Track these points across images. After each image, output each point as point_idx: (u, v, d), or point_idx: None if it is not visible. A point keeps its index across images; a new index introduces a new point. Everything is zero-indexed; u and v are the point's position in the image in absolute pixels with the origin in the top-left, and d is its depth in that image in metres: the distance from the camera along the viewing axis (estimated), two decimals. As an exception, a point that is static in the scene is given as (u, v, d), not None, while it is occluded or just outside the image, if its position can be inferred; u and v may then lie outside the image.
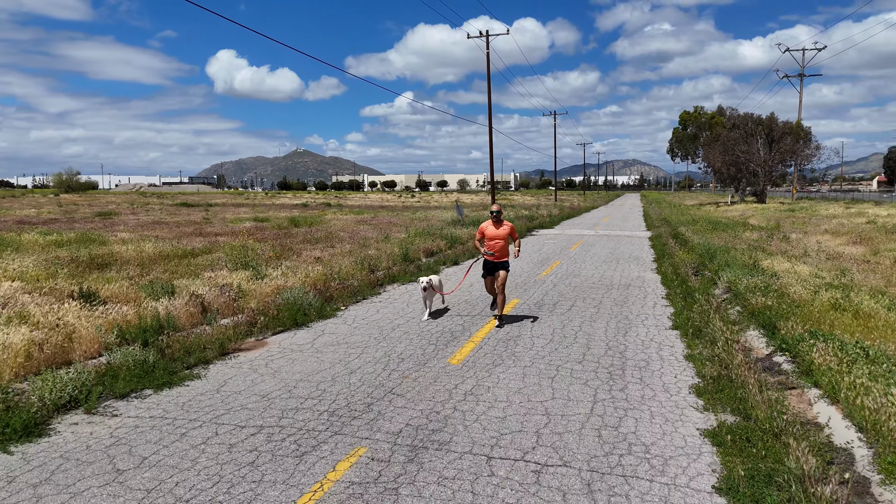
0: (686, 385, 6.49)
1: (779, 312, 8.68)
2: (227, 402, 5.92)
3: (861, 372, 5.84)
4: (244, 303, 9.75)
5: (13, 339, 6.47)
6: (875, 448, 4.63)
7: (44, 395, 5.51)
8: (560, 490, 4.22)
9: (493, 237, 9.48)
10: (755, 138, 61.67)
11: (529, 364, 7.21)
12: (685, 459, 4.71)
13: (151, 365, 6.66)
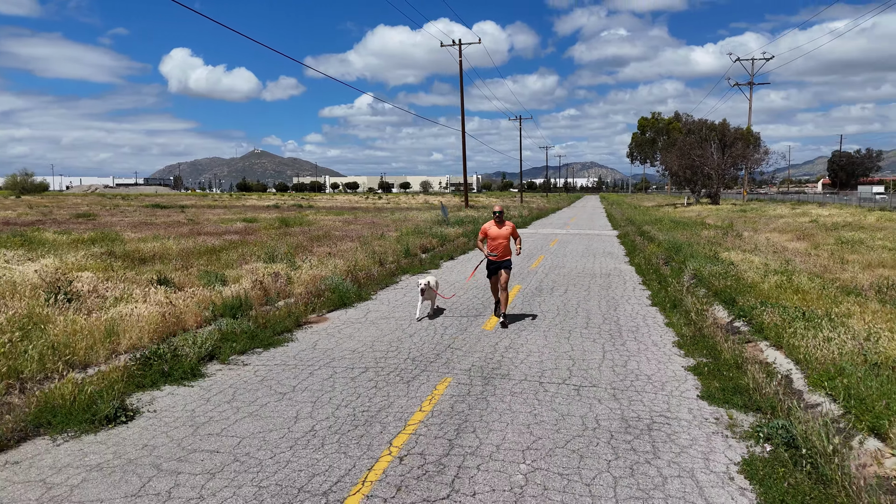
0: (669, 341, 8.51)
1: (736, 291, 10.81)
2: (327, 354, 7.68)
3: (798, 326, 7.93)
4: (293, 288, 11.43)
5: (145, 311, 8.09)
6: (805, 371, 6.68)
7: (192, 350, 7.17)
8: (596, 398, 6.14)
9: (495, 237, 9.69)
10: (709, 143, 65.30)
11: (547, 329, 9.15)
12: (676, 382, 6.69)
13: (252, 331, 8.35)
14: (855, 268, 13.64)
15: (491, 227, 9.75)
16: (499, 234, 9.67)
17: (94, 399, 5.60)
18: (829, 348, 6.75)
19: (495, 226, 9.72)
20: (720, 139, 64.87)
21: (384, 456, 4.74)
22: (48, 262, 12.79)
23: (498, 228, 9.70)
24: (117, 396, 5.73)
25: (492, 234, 9.71)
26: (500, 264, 9.73)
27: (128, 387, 6.09)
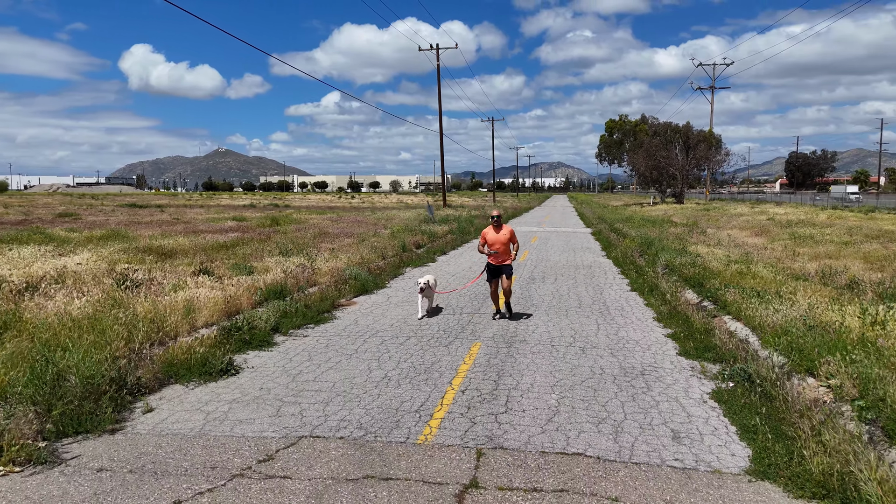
0: (650, 317, 10.23)
1: (703, 277, 12.61)
2: (370, 328, 9.19)
3: (754, 302, 9.70)
4: (317, 278, 12.85)
5: (210, 295, 9.48)
6: (759, 334, 8.44)
7: (262, 324, 8.61)
8: (597, 355, 7.79)
9: (494, 241, 9.86)
10: (674, 145, 68.18)
11: (548, 309, 10.80)
12: (659, 345, 8.38)
13: (302, 310, 9.81)
14: (804, 258, 15.61)
15: (489, 232, 9.94)
16: (496, 239, 9.84)
17: (206, 357, 7.02)
18: (777, 317, 8.51)
19: (493, 230, 9.91)
20: (684, 141, 67.77)
21: (449, 391, 6.30)
22: (86, 256, 13.96)
23: (496, 233, 9.88)
24: (226, 355, 7.17)
25: (490, 239, 9.88)
26: (500, 269, 9.86)
27: (224, 351, 7.51)
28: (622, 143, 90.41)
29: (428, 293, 10.13)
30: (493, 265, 9.88)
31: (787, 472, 4.49)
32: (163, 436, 5.20)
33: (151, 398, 6.07)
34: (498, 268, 9.85)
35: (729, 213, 41.45)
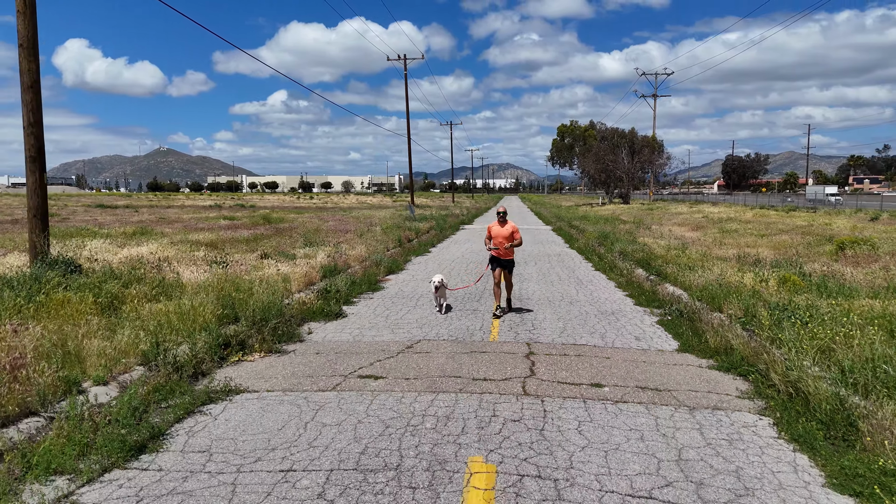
0: (612, 285, 13.96)
1: (650, 259, 16.47)
2: (414, 292, 12.60)
3: (685, 273, 13.55)
4: (349, 262, 16.11)
5: (287, 270, 12.70)
6: (688, 291, 12.24)
7: (341, 289, 11.91)
8: (581, 305, 11.43)
9: (498, 235, 10.70)
10: (620, 149, 73.39)
11: (538, 282, 14.42)
12: (621, 300, 12.09)
13: (358, 283, 13.11)
14: (728, 247, 19.73)
15: (494, 227, 10.86)
16: (500, 234, 10.70)
17: (322, 307, 10.33)
18: (700, 280, 12.36)
19: (498, 225, 10.82)
20: (630, 146, 73.09)
21: (494, 322, 9.81)
22: (149, 248, 16.81)
23: (500, 228, 10.76)
24: (336, 306, 10.49)
25: (494, 233, 10.78)
26: (502, 262, 10.73)
27: (329, 304, 10.78)
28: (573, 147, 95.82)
29: (441, 291, 10.80)
30: (497, 258, 10.79)
31: (698, 347, 8.20)
32: (333, 342, 8.54)
33: (304, 328, 9.36)
34: (502, 261, 10.75)
35: (670, 211, 46.26)
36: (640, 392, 6.45)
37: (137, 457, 4.82)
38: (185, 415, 5.67)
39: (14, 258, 12.98)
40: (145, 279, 10.68)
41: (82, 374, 6.39)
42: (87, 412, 5.33)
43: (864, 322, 7.45)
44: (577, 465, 4.72)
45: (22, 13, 10.09)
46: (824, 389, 5.64)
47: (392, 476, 4.50)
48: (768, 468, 4.72)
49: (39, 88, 10.34)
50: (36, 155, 10.43)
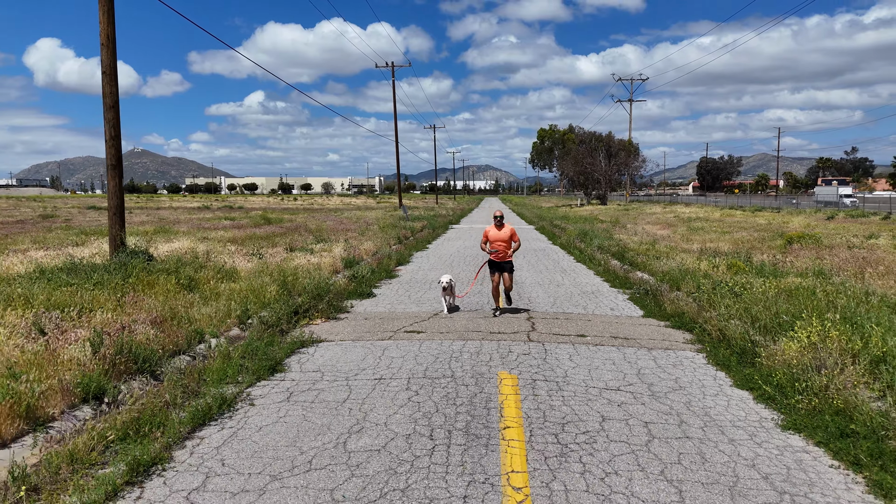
0: (592, 273, 16.40)
1: (624, 252, 18.94)
2: (426, 278, 14.89)
3: (653, 262, 16.02)
4: (362, 255, 18.33)
5: (315, 260, 14.91)
6: (653, 276, 14.69)
7: (365, 275, 14.16)
8: (567, 287, 13.84)
9: (495, 239, 10.66)
10: (598, 152, 76.38)
11: (528, 270, 16.80)
12: (599, 283, 14.52)
13: (376, 271, 15.36)
14: (693, 242, 22.31)
15: (491, 230, 10.80)
16: (498, 237, 10.65)
17: (355, 289, 12.58)
18: (664, 267, 14.83)
19: (495, 229, 10.76)
20: (607, 149, 76.13)
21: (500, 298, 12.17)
22: (183, 244, 18.85)
23: (498, 231, 10.72)
24: (367, 288, 12.76)
25: (492, 236, 10.73)
26: (501, 266, 10.74)
27: (360, 287, 13.00)
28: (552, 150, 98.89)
29: (449, 291, 10.94)
30: (495, 261, 10.81)
31: (658, 314, 10.64)
32: (373, 312, 10.82)
33: (346, 303, 11.60)
34: (500, 263, 10.73)
35: (645, 212, 49.07)
36: (613, 339, 8.84)
37: (272, 375, 7.06)
38: (289, 354, 7.91)
39: (86, 249, 15.02)
40: (207, 266, 12.83)
41: (199, 332, 8.59)
42: (226, 349, 7.55)
43: (778, 292, 9.94)
44: (569, 374, 7.09)
45: (105, 46, 12.20)
46: (739, 333, 8.07)
47: (450, 380, 6.82)
48: (696, 378, 7.11)
49: (119, 108, 12.44)
50: (115, 163, 12.54)
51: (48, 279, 10.60)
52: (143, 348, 6.96)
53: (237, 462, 4.81)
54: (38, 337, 7.20)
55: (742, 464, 4.84)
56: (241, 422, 5.65)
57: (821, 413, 5.63)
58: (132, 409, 5.59)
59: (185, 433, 5.31)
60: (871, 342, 6.67)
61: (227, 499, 4.24)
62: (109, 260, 12.34)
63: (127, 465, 4.54)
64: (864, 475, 4.62)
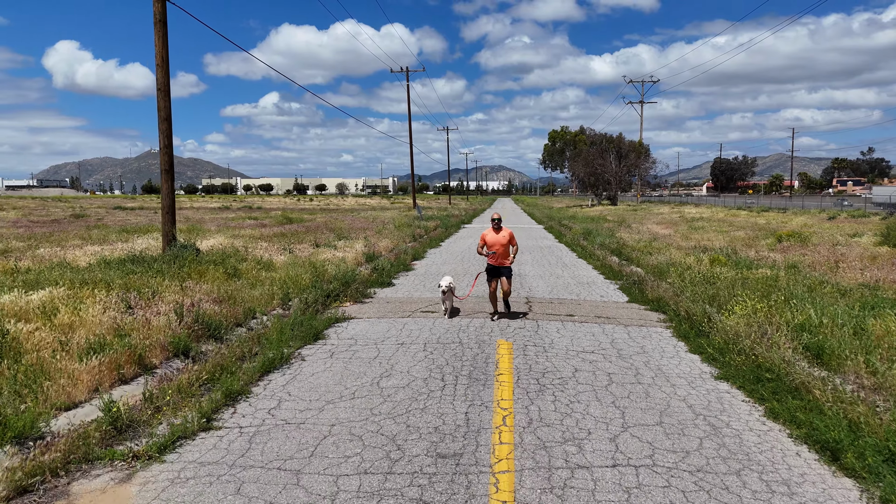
0: (591, 268, 18.00)
1: (621, 249, 20.50)
2: (438, 273, 16.56)
3: (645, 257, 17.58)
4: (380, 251, 20.03)
5: (339, 255, 16.66)
6: (644, 269, 16.27)
7: (386, 268, 15.88)
8: (566, 279, 15.46)
9: (493, 243, 10.32)
10: (608, 154, 77.66)
11: (531, 265, 18.44)
12: (595, 276, 16.13)
13: (394, 265, 17.08)
14: (691, 240, 23.80)
15: (489, 234, 10.44)
16: (496, 241, 10.33)
17: (377, 279, 14.28)
18: (654, 262, 16.40)
19: (493, 232, 10.42)
20: (617, 150, 77.40)
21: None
22: (217, 240, 20.68)
23: (495, 234, 10.39)
24: (387, 278, 14.47)
25: (490, 240, 10.38)
26: (499, 270, 10.39)
27: (382, 278, 14.71)
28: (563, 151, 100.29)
29: (449, 295, 10.64)
30: (493, 266, 10.42)
31: (640, 300, 12.25)
32: (394, 298, 12.51)
33: (370, 290, 13.30)
34: (497, 269, 10.38)
35: (652, 212, 50.42)
36: (597, 318, 10.48)
37: (315, 341, 8.79)
38: (327, 327, 9.64)
39: (134, 244, 16.88)
40: (247, 259, 14.61)
41: (251, 310, 10.32)
42: (277, 323, 9.28)
43: (744, 280, 11.52)
44: (555, 342, 8.75)
45: (160, 66, 14.00)
46: (700, 311, 9.67)
47: (457, 345, 8.52)
48: (659, 345, 8.72)
49: (171, 121, 14.24)
50: (168, 168, 14.34)
51: (115, 268, 12.40)
52: (212, 319, 8.71)
53: (300, 394, 6.52)
54: (127, 311, 8.96)
55: (675, 398, 6.48)
56: (297, 370, 7.37)
57: (745, 367, 7.24)
58: (213, 361, 7.33)
59: (257, 377, 7.03)
60: (798, 315, 8.26)
61: (297, 413, 5.95)
62: (163, 252, 14.13)
63: (222, 393, 6.27)
64: (765, 406, 6.23)
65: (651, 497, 4.37)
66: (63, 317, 8.24)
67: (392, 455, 4.99)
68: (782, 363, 6.81)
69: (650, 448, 5.21)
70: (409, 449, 5.12)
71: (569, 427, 5.63)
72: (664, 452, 5.12)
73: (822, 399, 5.90)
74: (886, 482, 4.41)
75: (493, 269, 10.49)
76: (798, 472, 4.80)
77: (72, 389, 5.99)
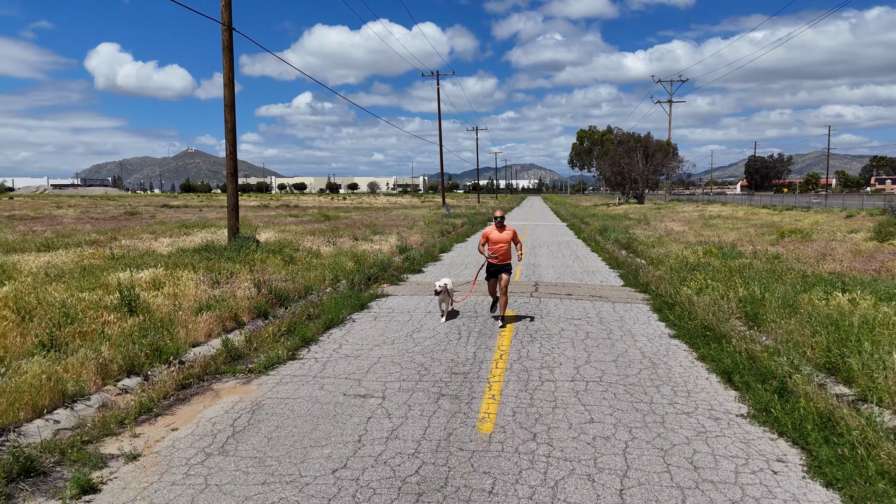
0: (599, 259, 20.09)
1: (631, 244, 22.49)
2: (462, 263, 18.84)
3: (649, 250, 19.58)
4: (411, 244, 22.38)
5: (376, 247, 19.07)
6: (646, 261, 18.28)
7: (419, 258, 18.22)
8: (575, 269, 17.61)
9: (496, 241, 10.15)
10: (635, 153, 78.94)
11: (546, 256, 20.60)
12: (602, 266, 18.24)
13: (424, 256, 19.41)
14: (701, 236, 25.60)
15: (492, 232, 10.24)
16: (499, 239, 10.19)
17: (409, 266, 16.64)
18: (656, 254, 18.40)
19: (496, 230, 10.22)
20: (644, 150, 78.64)
21: (518, 271, 16.05)
22: (269, 234, 23.27)
23: (499, 233, 10.20)
24: (418, 266, 16.83)
25: (493, 238, 10.22)
26: (500, 268, 10.23)
27: (413, 266, 17.04)
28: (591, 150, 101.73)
29: (444, 296, 10.41)
30: (494, 265, 10.26)
31: (633, 284, 14.36)
32: (424, 281, 14.85)
33: (403, 276, 15.64)
34: (499, 267, 10.22)
35: (675, 210, 51.87)
36: (591, 297, 12.65)
37: (361, 310, 11.18)
38: (370, 300, 12.02)
39: (198, 237, 19.53)
40: (299, 249, 17.09)
41: (308, 287, 12.73)
42: (331, 296, 11.68)
43: (722, 267, 13.54)
44: (552, 312, 10.98)
45: (227, 86, 16.55)
46: (672, 292, 11.77)
47: (473, 313, 10.80)
48: (635, 315, 10.86)
49: (236, 132, 16.77)
50: (233, 172, 16.89)
51: (192, 255, 14.96)
52: (282, 292, 11.15)
53: (354, 341, 8.90)
54: (214, 285, 11.45)
55: (633, 347, 8.66)
56: (350, 327, 9.76)
57: (694, 328, 9.36)
58: (288, 320, 9.74)
59: (321, 331, 9.44)
60: (742, 291, 10.33)
61: (354, 351, 8.31)
62: (229, 243, 16.69)
63: (299, 338, 8.68)
64: (698, 352, 8.36)
65: (592, 395, 6.60)
66: (168, 289, 10.75)
67: (421, 372, 7.31)
68: (720, 324, 8.93)
69: (601, 373, 7.42)
70: (432, 370, 7.44)
71: (546, 362, 7.88)
72: (611, 375, 7.33)
73: (737, 346, 8.02)
74: (757, 391, 6.53)
75: (494, 269, 10.31)
76: (700, 386, 6.97)
77: (194, 334, 8.44)
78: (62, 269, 12.72)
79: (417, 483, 4.65)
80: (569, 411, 6.14)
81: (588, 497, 4.47)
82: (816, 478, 4.77)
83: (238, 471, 4.86)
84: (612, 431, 5.66)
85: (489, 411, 6.14)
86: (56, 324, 7.83)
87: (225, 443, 5.38)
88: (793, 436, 5.43)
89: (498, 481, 4.68)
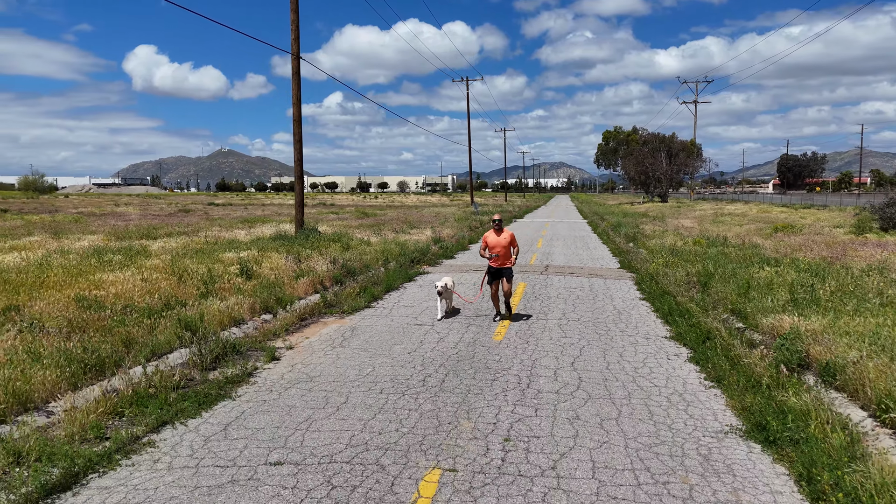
0: (607, 250, 23.31)
1: (637, 237, 25.59)
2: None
3: (652, 240, 22.70)
4: (443, 237, 25.82)
5: (415, 238, 22.58)
6: (646, 251, 21.44)
7: (451, 247, 21.69)
8: (582, 257, 20.89)
9: (494, 245, 10.38)
10: (659, 153, 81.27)
11: (561, 248, 23.89)
12: (605, 255, 21.48)
13: (455, 246, 22.85)
14: (708, 231, 28.55)
15: (490, 236, 10.41)
16: (497, 243, 10.35)
17: (442, 254, 20.10)
18: (655, 244, 21.56)
19: (494, 234, 10.39)
20: (668, 150, 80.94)
21: (532, 257, 19.40)
22: (324, 227, 26.95)
23: (496, 236, 10.38)
24: (450, 254, 20.32)
25: (491, 242, 10.38)
26: (500, 272, 10.35)
27: (446, 253, 20.49)
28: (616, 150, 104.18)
29: (446, 295, 10.58)
30: (494, 268, 10.38)
31: (627, 266, 17.64)
32: (454, 264, 18.35)
33: (439, 260, 19.10)
34: (499, 271, 10.39)
35: (694, 209, 54.40)
36: (589, 275, 15.96)
37: (408, 283, 14.76)
38: (415, 276, 15.57)
39: (265, 229, 23.32)
40: (353, 238, 20.70)
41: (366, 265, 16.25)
42: (384, 273, 15.22)
43: (698, 252, 16.73)
44: (554, 284, 14.38)
45: (295, 104, 20.20)
46: (653, 269, 15.02)
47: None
48: (619, 287, 14.17)
49: (302, 142, 20.40)
50: (300, 174, 20.56)
51: (269, 243, 18.62)
52: (350, 266, 14.71)
53: (408, 301, 12.43)
54: (297, 262, 15.05)
55: (609, 304, 11.99)
56: (403, 292, 13.32)
57: (657, 291, 12.62)
58: (360, 284, 13.28)
59: (383, 293, 13.01)
60: (699, 267, 13.56)
61: (409, 303, 11.85)
62: (297, 233, 20.37)
63: (370, 296, 12.24)
64: (654, 306, 11.64)
65: (570, 326, 10.00)
66: (266, 264, 14.39)
67: (456, 315, 10.79)
68: (673, 288, 12.21)
69: (580, 315, 10.84)
70: (464, 314, 10.90)
71: (543, 310, 11.31)
72: (587, 318, 10.72)
73: (681, 300, 11.30)
74: (680, 324, 9.80)
75: (494, 272, 10.41)
76: (645, 322, 10.32)
77: (298, 292, 12.02)
78: (177, 250, 16.51)
79: (457, 356, 8.15)
80: (552, 333, 9.56)
81: (553, 364, 7.89)
82: (691, 362, 8.09)
83: (353, 352, 8.43)
84: (576, 341, 9.08)
85: (500, 332, 9.59)
86: (204, 282, 11.48)
87: (341, 342, 8.96)
88: (691, 345, 8.76)
89: (503, 357, 8.14)
